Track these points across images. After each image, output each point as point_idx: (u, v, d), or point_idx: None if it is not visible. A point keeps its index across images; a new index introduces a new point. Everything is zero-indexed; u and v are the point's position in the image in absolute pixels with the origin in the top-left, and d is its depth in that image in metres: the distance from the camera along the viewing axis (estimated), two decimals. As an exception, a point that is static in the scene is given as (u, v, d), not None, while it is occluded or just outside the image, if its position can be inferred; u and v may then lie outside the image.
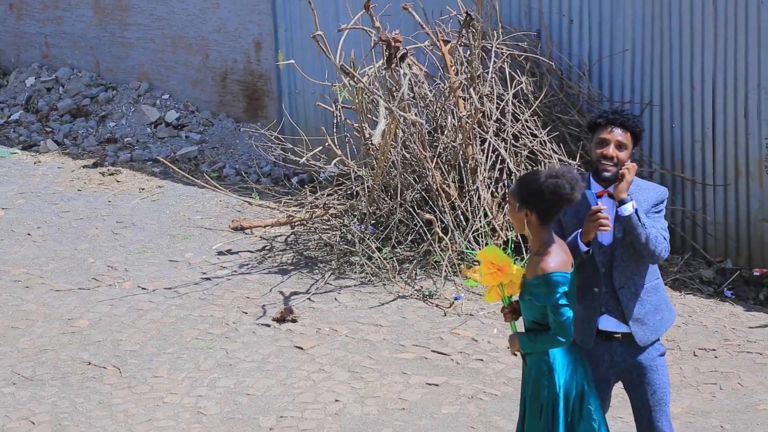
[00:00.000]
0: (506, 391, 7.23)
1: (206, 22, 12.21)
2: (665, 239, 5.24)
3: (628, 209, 5.20)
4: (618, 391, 7.02)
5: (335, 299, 8.67)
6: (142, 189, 11.01)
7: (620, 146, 5.28)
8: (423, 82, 9.50)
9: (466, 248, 8.75)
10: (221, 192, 10.18)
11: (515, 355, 5.29)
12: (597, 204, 5.21)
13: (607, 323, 5.35)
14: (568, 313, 5.04)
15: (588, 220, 5.20)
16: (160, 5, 12.55)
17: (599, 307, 5.34)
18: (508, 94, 9.27)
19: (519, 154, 9.13)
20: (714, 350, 7.67)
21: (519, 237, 8.47)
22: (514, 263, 5.22)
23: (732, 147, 8.89)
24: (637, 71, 9.31)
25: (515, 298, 5.25)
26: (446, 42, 9.36)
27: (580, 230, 5.25)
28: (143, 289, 8.96)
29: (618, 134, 5.29)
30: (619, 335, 5.35)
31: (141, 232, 10.08)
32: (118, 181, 11.21)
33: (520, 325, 5.28)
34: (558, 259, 5.05)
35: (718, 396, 7.08)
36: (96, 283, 9.04)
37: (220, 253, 9.58)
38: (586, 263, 5.29)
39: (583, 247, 5.22)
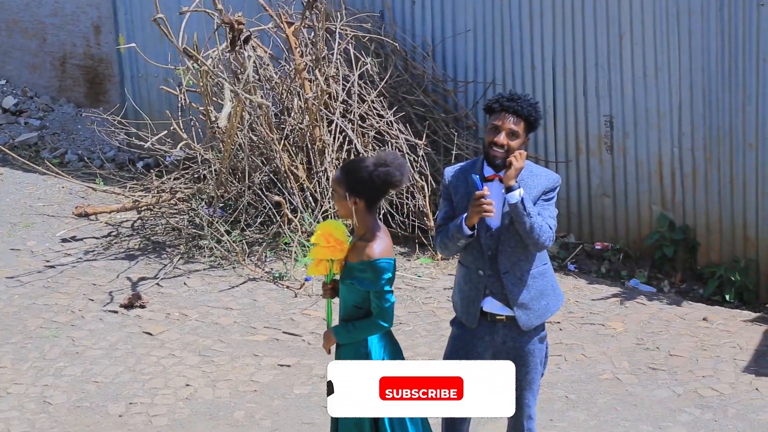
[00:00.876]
0: (358, 369, 7.26)
1: (42, 5, 11.93)
2: (551, 228, 5.22)
3: (514, 197, 5.15)
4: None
5: (184, 284, 8.58)
6: (-20, 177, 10.72)
7: (512, 134, 5.19)
8: (268, 65, 9.46)
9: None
10: (64, 178, 9.98)
11: (329, 352, 5.26)
12: (481, 189, 5.16)
13: (492, 305, 5.34)
14: (392, 299, 5.10)
15: (471, 205, 5.16)
16: (-5, -12, 12.23)
17: (483, 290, 5.33)
18: (353, 75, 9.31)
19: (366, 135, 9.18)
20: (559, 323, 7.85)
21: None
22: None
23: (572, 124, 9.10)
24: (480, 51, 9.45)
25: (336, 277, 5.27)
26: (290, 24, 9.35)
27: (465, 214, 5.22)
28: (-16, 278, 8.74)
29: (511, 122, 5.19)
30: (503, 318, 5.33)
31: (-20, 221, 9.82)
32: (-45, 169, 10.90)
33: (335, 308, 5.30)
34: (383, 245, 5.08)
35: (563, 367, 7.25)
36: (-66, 274, 8.78)
37: (64, 241, 9.39)
38: (472, 245, 5.28)
39: (467, 231, 5.19)
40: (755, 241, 8.49)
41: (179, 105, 9.64)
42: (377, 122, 9.20)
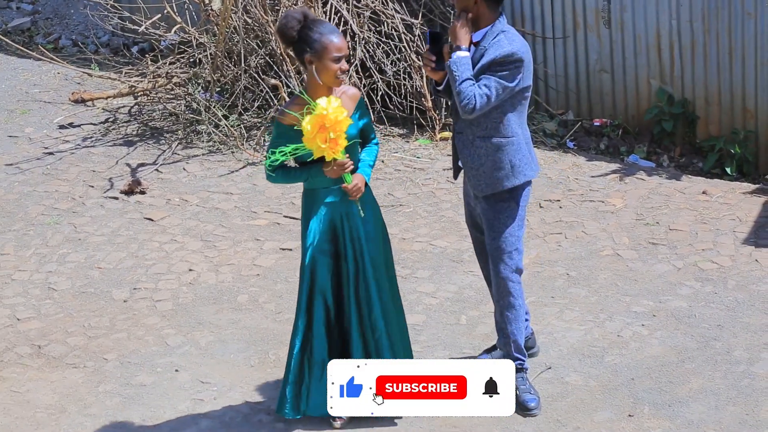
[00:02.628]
0: (359, 251, 7.31)
1: None
2: (475, 96, 5.31)
3: (452, 58, 5.40)
4: (468, 246, 7.18)
5: (184, 169, 8.59)
6: (-26, 64, 10.65)
7: None
8: (261, -56, 9.31)
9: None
10: (59, 64, 9.90)
11: (354, 194, 5.41)
12: (428, 44, 5.46)
13: (462, 162, 5.63)
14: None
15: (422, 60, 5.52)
16: None
17: (458, 146, 5.61)
18: (347, -47, 9.17)
19: (361, 15, 9.08)
20: (558, 201, 7.88)
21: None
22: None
23: None
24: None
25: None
26: None
27: None
28: (-17, 167, 8.75)
29: None
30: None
31: (-23, 109, 9.78)
32: (-52, 57, 10.81)
33: None
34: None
35: (564, 245, 7.29)
36: (-67, 164, 8.78)
37: (61, 127, 9.36)
38: (453, 105, 5.55)
39: (435, 85, 5.57)
40: (754, 113, 8.47)
41: (172, -13, 9.52)
42: (372, 2, 9.09)
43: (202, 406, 5.85)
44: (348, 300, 5.50)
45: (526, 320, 5.98)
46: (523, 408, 5.64)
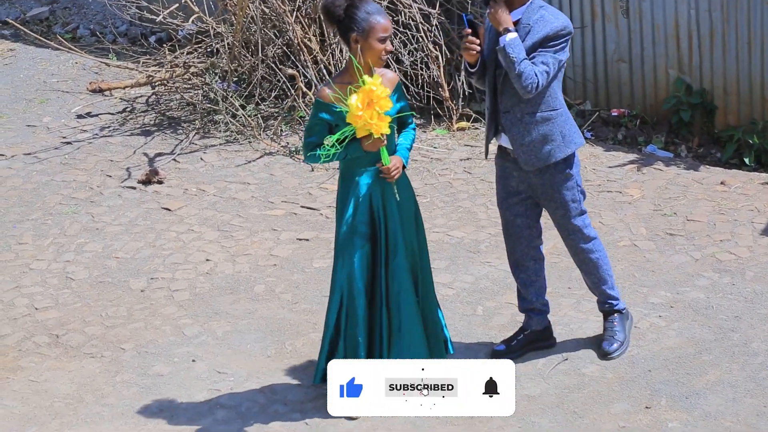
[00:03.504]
0: (376, 241, 7.31)
1: None
2: (537, 74, 5.41)
3: (502, 41, 5.41)
4: (485, 236, 7.16)
5: (201, 159, 8.60)
6: (-7, 53, 10.68)
7: None
8: (278, -67, 9.30)
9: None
10: (77, 54, 9.92)
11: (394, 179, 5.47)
12: (467, 28, 5.46)
13: (505, 141, 5.68)
14: None
15: (461, 44, 5.53)
16: None
17: (496, 126, 5.68)
18: (365, -57, 9.14)
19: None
20: (576, 191, 7.84)
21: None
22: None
23: (588, -12, 8.97)
24: None
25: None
26: None
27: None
28: (2, 155, 8.76)
29: None
30: (512, 154, 5.68)
31: (-5, 98, 9.82)
32: (-33, 47, 10.85)
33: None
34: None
35: (581, 235, 7.26)
36: (-48, 153, 8.81)
37: (79, 117, 9.39)
38: (488, 82, 5.61)
39: (468, 68, 5.57)
40: (773, 104, 8.43)
41: (190, -23, 9.53)
42: (390, -9, 9.07)
43: (218, 397, 5.86)
44: (380, 285, 5.53)
45: (545, 311, 6.01)
46: (603, 353, 5.92)
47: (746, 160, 8.36)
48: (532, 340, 6.01)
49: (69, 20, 11.34)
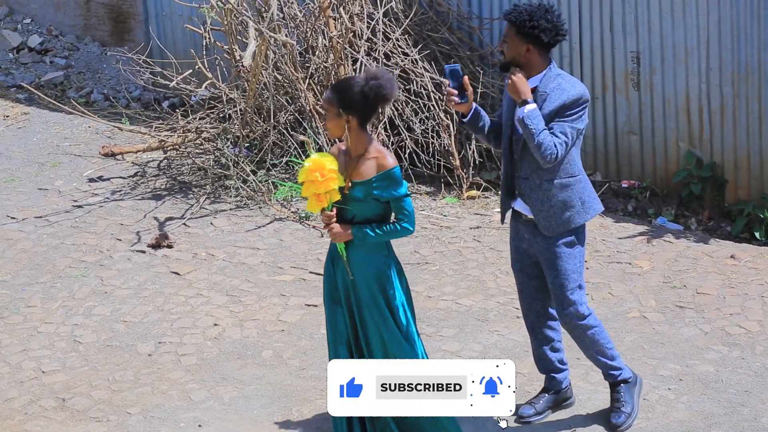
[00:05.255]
0: (384, 308, 7.29)
1: (67, -57, 11.89)
2: (556, 145, 5.46)
3: (520, 113, 5.47)
4: (494, 305, 7.14)
5: (211, 224, 8.61)
6: (7, 116, 10.73)
7: (504, 41, 5.59)
8: (292, 2, 9.41)
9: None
10: (90, 118, 9.98)
11: (334, 240, 5.40)
12: (447, 78, 5.56)
13: (521, 206, 5.72)
14: (412, 203, 5.38)
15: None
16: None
17: (513, 191, 5.72)
18: (378, 12, 9.24)
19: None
20: (585, 261, 7.82)
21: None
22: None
23: (599, 61, 9.02)
24: (505, -12, 9.36)
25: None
26: (314, -39, 9.27)
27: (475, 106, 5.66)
28: (12, 218, 8.79)
29: (506, 27, 5.57)
30: (529, 219, 5.70)
31: (8, 161, 9.85)
32: (-19, 109, 10.92)
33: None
34: (391, 155, 5.38)
35: (590, 306, 7.23)
36: (-37, 215, 8.84)
37: (91, 180, 9.42)
38: (505, 147, 5.67)
39: (461, 118, 5.66)
40: (784, 178, 8.44)
41: (204, 44, 9.62)
42: (402, 60, 9.15)
43: (224, 463, 5.82)
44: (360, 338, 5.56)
45: (565, 369, 6.01)
46: (611, 426, 5.88)
47: (756, 234, 8.35)
48: (556, 401, 6.05)
49: (83, 84, 11.44)
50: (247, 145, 9.31)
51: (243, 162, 9.05)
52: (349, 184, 5.36)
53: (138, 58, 9.99)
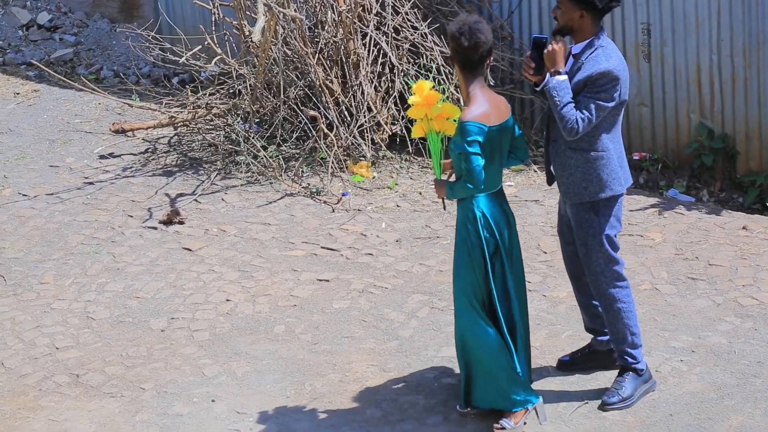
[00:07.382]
0: (396, 283, 7.30)
1: None
2: (578, 120, 5.47)
3: (550, 82, 5.51)
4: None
5: (222, 199, 8.62)
6: (17, 94, 10.74)
7: (558, 6, 5.59)
8: (301, -23, 9.38)
9: (354, 142, 8.75)
10: (100, 95, 9.98)
11: (442, 199, 5.63)
12: (530, 49, 5.58)
13: (554, 169, 5.78)
14: (477, 161, 5.35)
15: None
16: None
17: (551, 153, 5.75)
18: (387, -14, 9.20)
19: (401, 48, 9.11)
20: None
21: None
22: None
23: (609, 33, 8.97)
24: (515, -40, 9.33)
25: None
26: (323, -65, 9.22)
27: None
28: (24, 195, 8.80)
29: None
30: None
31: (19, 138, 9.86)
32: (-9, 87, 10.93)
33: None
34: (479, 110, 5.39)
35: (602, 278, 7.24)
36: (-25, 193, 8.86)
37: (102, 157, 9.44)
38: (548, 110, 5.68)
39: (534, 87, 5.66)
40: (796, 149, 8.42)
41: (213, 19, 9.59)
42: (411, 34, 9.12)
43: (237, 437, 5.85)
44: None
45: (606, 334, 6.05)
46: (601, 402, 5.89)
47: (768, 205, 8.34)
48: (595, 359, 6.13)
49: (93, 61, 11.43)
50: (257, 120, 9.30)
51: (253, 137, 9.04)
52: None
53: (147, 34, 9.98)
